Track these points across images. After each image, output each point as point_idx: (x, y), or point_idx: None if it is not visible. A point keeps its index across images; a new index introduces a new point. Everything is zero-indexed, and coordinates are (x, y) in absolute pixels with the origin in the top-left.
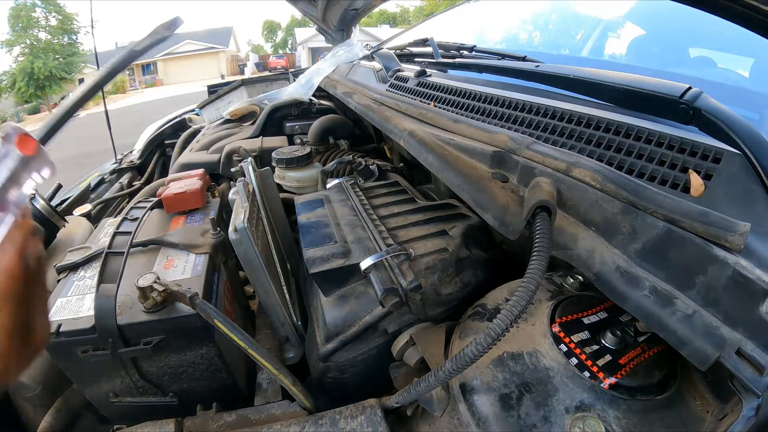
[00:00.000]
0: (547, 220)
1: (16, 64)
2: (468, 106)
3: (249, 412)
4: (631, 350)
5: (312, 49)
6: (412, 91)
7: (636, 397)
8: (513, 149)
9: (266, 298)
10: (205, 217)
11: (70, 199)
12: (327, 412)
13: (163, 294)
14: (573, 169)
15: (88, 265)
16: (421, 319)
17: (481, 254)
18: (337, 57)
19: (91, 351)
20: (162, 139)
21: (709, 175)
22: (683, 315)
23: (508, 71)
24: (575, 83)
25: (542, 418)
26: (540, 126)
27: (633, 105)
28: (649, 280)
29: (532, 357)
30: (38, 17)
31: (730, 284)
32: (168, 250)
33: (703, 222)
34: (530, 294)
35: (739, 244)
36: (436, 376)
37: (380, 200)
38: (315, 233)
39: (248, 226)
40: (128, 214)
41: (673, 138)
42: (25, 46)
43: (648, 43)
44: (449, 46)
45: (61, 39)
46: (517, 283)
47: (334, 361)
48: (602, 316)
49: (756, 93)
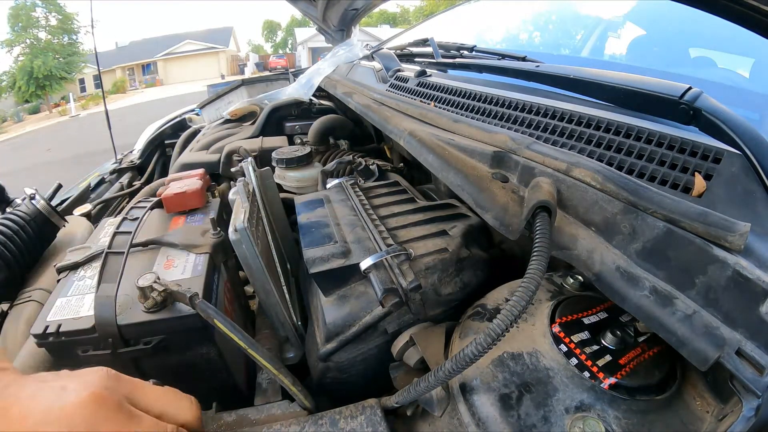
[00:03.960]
0: (547, 220)
1: (17, 64)
2: (468, 106)
3: (249, 412)
4: (631, 350)
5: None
6: (412, 91)
7: (636, 398)
8: (513, 149)
9: (266, 298)
10: (205, 217)
11: (70, 199)
12: (327, 412)
13: (163, 294)
14: (573, 170)
15: (88, 265)
16: (420, 319)
17: (481, 254)
18: (337, 57)
19: (92, 351)
20: (162, 139)
21: (710, 176)
22: (683, 315)
23: (508, 71)
24: (575, 83)
25: (542, 418)
26: (540, 126)
27: (633, 105)
28: (649, 280)
29: (532, 357)
30: (38, 17)
31: (730, 284)
32: (168, 250)
33: (703, 222)
34: (530, 294)
35: (739, 245)
36: (436, 376)
37: (380, 200)
38: (315, 233)
39: (248, 226)
40: (128, 214)
41: (673, 138)
42: (25, 45)
43: (648, 44)
44: (449, 46)
45: (61, 39)
46: (517, 283)
47: (334, 361)
48: (602, 316)
49: (756, 93)
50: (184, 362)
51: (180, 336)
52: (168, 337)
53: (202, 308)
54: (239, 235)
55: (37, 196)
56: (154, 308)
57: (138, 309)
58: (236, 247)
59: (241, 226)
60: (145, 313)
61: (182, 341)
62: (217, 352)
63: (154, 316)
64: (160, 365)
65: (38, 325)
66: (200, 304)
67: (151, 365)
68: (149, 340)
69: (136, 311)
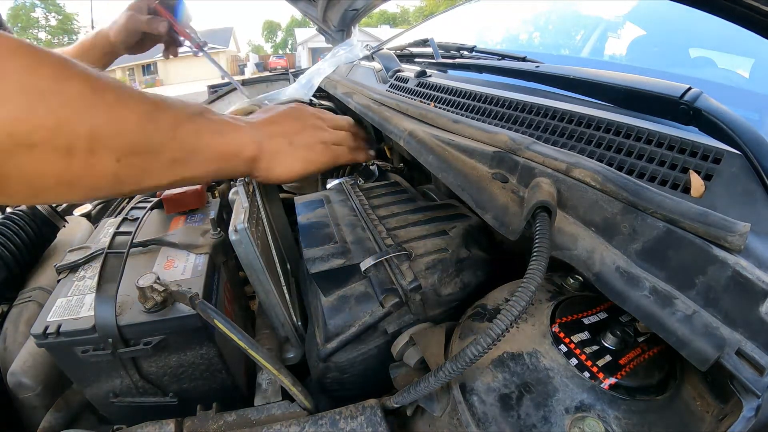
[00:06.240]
0: (547, 221)
1: None
2: (468, 107)
3: (249, 412)
4: (631, 350)
5: (312, 50)
6: (412, 91)
7: (636, 398)
8: (513, 149)
9: (266, 298)
10: (205, 217)
11: None
12: (327, 412)
13: (163, 294)
14: (573, 170)
15: (88, 265)
16: (420, 319)
17: (481, 254)
18: (337, 57)
19: (92, 351)
20: None
21: (709, 176)
22: (683, 315)
23: (508, 71)
24: (575, 83)
25: (542, 418)
26: (540, 126)
27: (633, 105)
28: (649, 280)
29: (532, 357)
30: (38, 17)
31: (730, 284)
32: (168, 250)
33: (703, 222)
34: (530, 294)
35: (739, 245)
36: (436, 377)
37: (380, 200)
38: (315, 233)
39: (248, 226)
40: (128, 214)
41: (673, 138)
42: None
43: (648, 44)
44: (449, 47)
45: (61, 39)
46: (517, 284)
47: (334, 361)
48: (602, 316)
49: (756, 93)
50: (184, 362)
51: (180, 336)
52: (168, 338)
53: (202, 308)
54: (239, 235)
55: None
56: (154, 308)
57: (138, 309)
58: (236, 247)
59: (241, 226)
60: (145, 313)
61: (182, 341)
62: (217, 352)
63: (154, 316)
64: (160, 365)
65: (38, 325)
66: (200, 304)
67: (151, 365)
68: (149, 341)
69: (136, 311)
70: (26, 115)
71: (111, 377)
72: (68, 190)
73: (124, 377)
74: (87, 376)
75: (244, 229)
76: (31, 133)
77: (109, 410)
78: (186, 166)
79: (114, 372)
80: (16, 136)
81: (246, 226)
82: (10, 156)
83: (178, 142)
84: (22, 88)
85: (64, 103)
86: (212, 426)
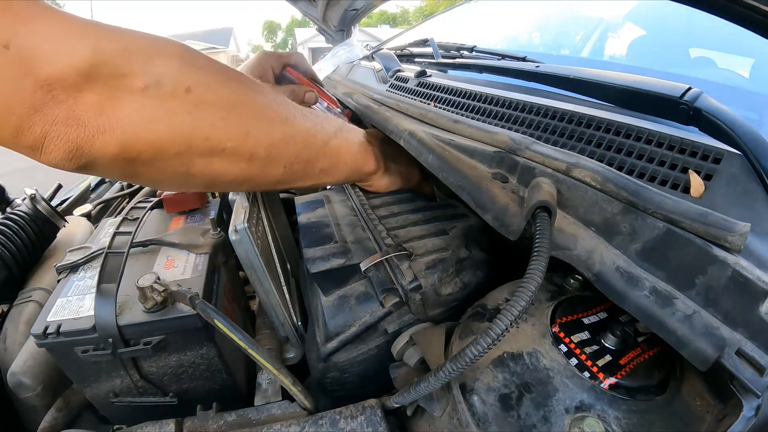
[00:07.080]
0: (547, 221)
1: None
2: (468, 107)
3: (249, 412)
4: (631, 350)
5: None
6: (412, 91)
7: (636, 398)
8: (513, 149)
9: (266, 298)
10: (205, 217)
11: (70, 199)
12: (327, 412)
13: (163, 294)
14: (573, 170)
15: (88, 265)
16: (421, 319)
17: (481, 254)
18: (338, 57)
19: (92, 351)
20: None
21: (710, 176)
22: (683, 315)
23: (508, 71)
24: (575, 83)
25: (542, 418)
26: (540, 126)
27: (633, 105)
28: (649, 280)
29: (532, 357)
30: None
31: (730, 284)
32: (168, 250)
33: (703, 222)
34: (530, 294)
35: (739, 245)
36: (436, 377)
37: (380, 200)
38: (315, 233)
39: (248, 226)
40: (128, 214)
41: (673, 138)
42: None
43: (648, 44)
44: (449, 47)
45: None
46: (517, 284)
47: (334, 361)
48: (602, 316)
49: (756, 93)
50: (184, 362)
51: (180, 336)
52: (168, 338)
53: (202, 308)
54: (239, 235)
55: (37, 196)
56: (155, 308)
57: (138, 309)
58: (236, 247)
59: (241, 226)
60: (146, 313)
61: (182, 341)
62: (217, 352)
63: (154, 316)
64: (160, 365)
65: (38, 325)
66: (200, 304)
67: (151, 365)
68: (149, 341)
69: (136, 311)
70: (222, 123)
71: (111, 377)
72: (238, 186)
73: (124, 377)
74: (87, 376)
75: (244, 229)
76: (224, 141)
77: (109, 410)
78: (329, 174)
79: (114, 372)
80: (212, 141)
81: (246, 226)
82: (203, 158)
83: (327, 155)
84: (217, 99)
85: (254, 116)
86: (212, 426)
